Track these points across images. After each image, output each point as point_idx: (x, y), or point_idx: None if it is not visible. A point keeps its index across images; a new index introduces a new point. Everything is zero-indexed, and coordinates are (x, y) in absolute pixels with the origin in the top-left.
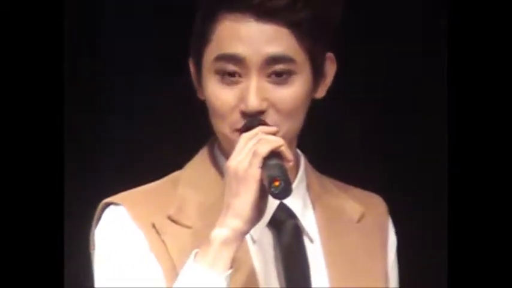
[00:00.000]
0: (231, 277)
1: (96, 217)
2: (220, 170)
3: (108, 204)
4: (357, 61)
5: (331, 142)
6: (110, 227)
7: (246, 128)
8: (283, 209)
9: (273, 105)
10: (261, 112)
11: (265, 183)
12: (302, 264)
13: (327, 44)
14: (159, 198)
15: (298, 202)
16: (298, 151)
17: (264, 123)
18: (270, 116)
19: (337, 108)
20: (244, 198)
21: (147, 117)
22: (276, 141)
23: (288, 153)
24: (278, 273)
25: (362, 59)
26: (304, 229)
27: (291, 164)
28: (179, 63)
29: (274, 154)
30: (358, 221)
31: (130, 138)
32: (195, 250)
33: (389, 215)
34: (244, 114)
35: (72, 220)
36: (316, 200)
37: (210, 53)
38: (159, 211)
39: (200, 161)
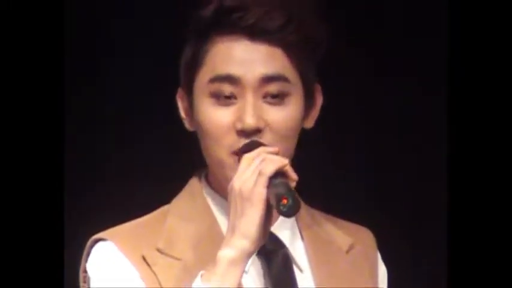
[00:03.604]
0: None
1: (85, 254)
2: (208, 202)
3: (96, 241)
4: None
5: (321, 170)
6: (101, 262)
7: (245, 151)
8: (272, 239)
9: (268, 125)
10: (258, 130)
11: (273, 202)
12: None
13: (315, 68)
14: (147, 231)
15: (286, 232)
16: None
17: (262, 145)
18: (266, 136)
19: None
20: (251, 218)
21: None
22: (281, 161)
23: (292, 172)
24: None
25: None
26: (293, 258)
27: (294, 183)
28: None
29: (279, 173)
30: (347, 251)
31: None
32: (201, 272)
33: (377, 248)
34: (241, 133)
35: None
36: (305, 230)
37: (204, 76)
38: (148, 244)
39: (188, 193)
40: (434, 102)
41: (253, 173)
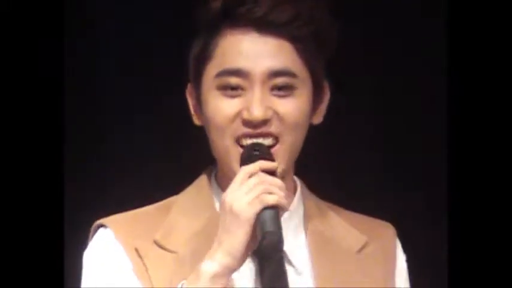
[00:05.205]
0: None
1: (90, 238)
2: (212, 198)
3: (99, 226)
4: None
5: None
6: (95, 249)
7: (247, 156)
8: None
9: (276, 114)
10: (265, 121)
11: (258, 232)
12: None
13: (324, 63)
14: (148, 222)
15: (287, 233)
16: (296, 178)
17: (269, 135)
18: (275, 126)
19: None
20: (237, 237)
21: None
22: (281, 196)
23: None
24: None
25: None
26: (290, 261)
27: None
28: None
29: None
30: (359, 250)
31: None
32: (182, 282)
33: (398, 242)
34: (248, 124)
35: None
36: (311, 229)
37: (212, 69)
38: (145, 235)
39: (195, 188)
40: (436, 98)
41: (249, 193)
